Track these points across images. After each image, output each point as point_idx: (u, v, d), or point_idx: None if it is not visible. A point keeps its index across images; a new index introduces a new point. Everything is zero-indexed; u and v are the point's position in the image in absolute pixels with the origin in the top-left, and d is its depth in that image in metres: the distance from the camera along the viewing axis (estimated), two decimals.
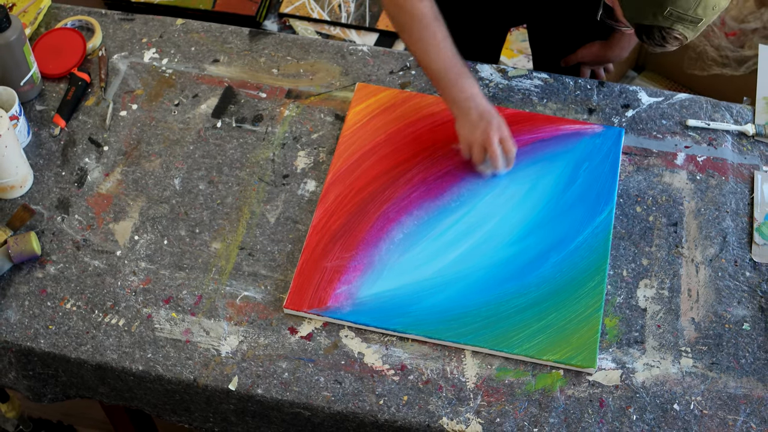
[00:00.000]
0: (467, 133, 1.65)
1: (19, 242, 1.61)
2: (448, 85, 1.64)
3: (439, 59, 1.64)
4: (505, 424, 1.46)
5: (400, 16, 1.65)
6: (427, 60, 1.65)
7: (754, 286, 1.59)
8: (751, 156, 1.74)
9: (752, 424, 1.46)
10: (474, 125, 1.63)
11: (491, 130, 1.62)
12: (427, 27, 1.63)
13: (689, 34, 1.43)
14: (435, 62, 1.64)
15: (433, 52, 1.64)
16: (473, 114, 1.63)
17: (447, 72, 1.64)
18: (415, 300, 1.56)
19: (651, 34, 1.43)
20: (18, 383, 1.62)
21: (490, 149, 1.63)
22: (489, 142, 1.63)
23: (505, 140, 1.64)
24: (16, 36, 1.73)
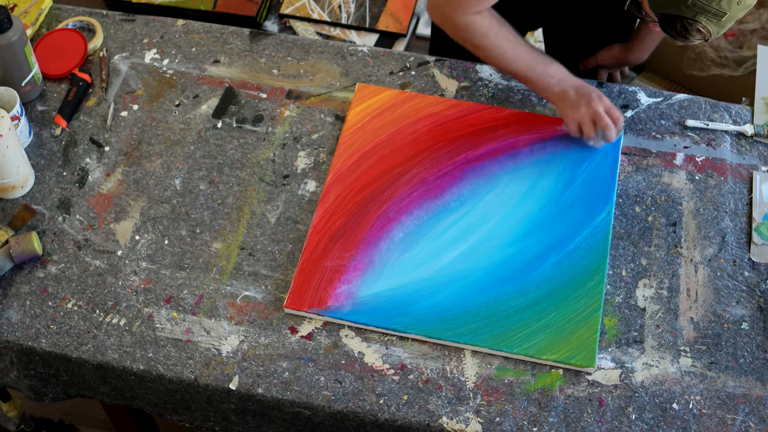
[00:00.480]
0: (572, 112, 1.66)
1: (21, 242, 1.61)
2: (536, 78, 1.67)
3: (519, 59, 1.66)
4: (505, 424, 1.46)
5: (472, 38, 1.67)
6: (508, 64, 1.67)
7: (752, 286, 1.59)
8: (750, 156, 1.74)
9: (751, 423, 1.46)
10: (576, 103, 1.65)
11: (594, 102, 1.64)
12: (496, 36, 1.66)
13: (713, 29, 1.41)
14: (516, 64, 1.67)
15: (510, 56, 1.66)
16: (570, 93, 1.65)
17: (531, 68, 1.67)
18: (415, 299, 1.56)
19: (674, 24, 1.43)
20: (19, 383, 1.62)
21: (601, 121, 1.64)
22: (598, 115, 1.64)
23: (610, 109, 1.65)
24: (17, 37, 1.73)
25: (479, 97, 1.82)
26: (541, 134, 1.74)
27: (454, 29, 1.69)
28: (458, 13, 1.65)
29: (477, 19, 1.65)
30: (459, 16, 1.65)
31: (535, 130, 1.75)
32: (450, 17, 1.67)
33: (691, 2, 1.38)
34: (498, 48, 1.67)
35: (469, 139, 1.74)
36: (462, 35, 1.68)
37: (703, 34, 1.43)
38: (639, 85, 2.71)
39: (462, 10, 1.65)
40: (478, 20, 1.65)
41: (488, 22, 1.65)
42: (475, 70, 1.85)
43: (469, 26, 1.66)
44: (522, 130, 1.75)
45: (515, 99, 1.81)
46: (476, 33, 1.66)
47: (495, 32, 1.66)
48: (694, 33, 1.43)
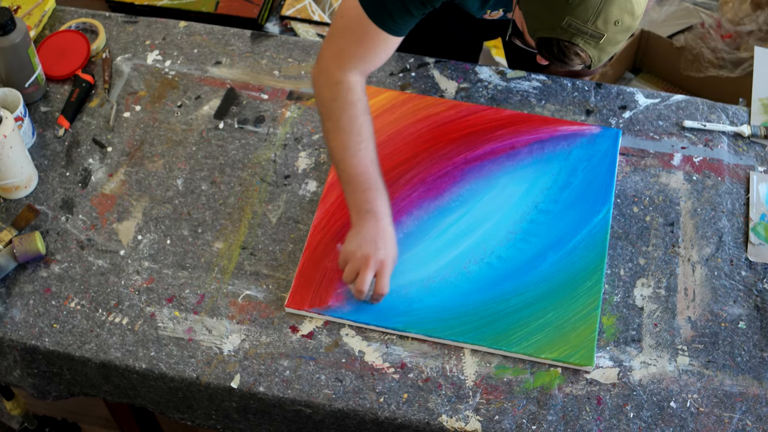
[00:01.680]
0: (351, 247, 1.51)
1: (24, 242, 1.61)
2: (353, 189, 1.52)
3: (358, 158, 1.51)
4: (504, 422, 1.46)
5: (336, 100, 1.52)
6: (345, 153, 1.52)
7: (749, 285, 1.59)
8: (747, 157, 1.74)
9: (748, 421, 1.46)
10: (361, 244, 1.50)
11: (372, 258, 1.49)
12: (353, 121, 1.51)
13: (592, 53, 1.32)
14: (351, 158, 1.52)
15: (353, 148, 1.52)
16: (369, 232, 1.50)
17: (360, 176, 1.52)
18: (415, 299, 1.56)
19: (551, 48, 1.33)
20: (23, 381, 1.62)
21: (361, 275, 1.49)
22: (364, 269, 1.49)
23: (381, 277, 1.50)
24: (20, 38, 1.73)
25: (478, 98, 1.82)
26: (540, 135, 1.74)
27: (323, 84, 1.54)
28: (338, 65, 1.52)
29: (352, 84, 1.52)
30: (337, 70, 1.52)
31: (534, 130, 1.75)
32: (327, 68, 1.54)
33: (566, 23, 1.29)
34: (349, 130, 1.51)
35: (469, 140, 1.74)
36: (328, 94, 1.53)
37: (582, 57, 1.32)
38: (637, 86, 2.71)
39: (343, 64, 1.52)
40: (351, 86, 1.51)
41: (357, 98, 1.52)
42: (474, 71, 1.85)
43: (340, 86, 1.51)
44: (521, 131, 1.75)
45: (514, 100, 1.81)
46: (340, 100, 1.51)
47: (356, 115, 1.52)
48: (573, 57, 1.32)
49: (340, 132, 1.53)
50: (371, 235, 1.51)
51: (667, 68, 2.74)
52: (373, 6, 1.48)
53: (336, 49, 1.54)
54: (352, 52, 1.53)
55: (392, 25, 1.50)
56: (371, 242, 1.50)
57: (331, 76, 1.54)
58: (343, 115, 1.53)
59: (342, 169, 1.54)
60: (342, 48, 1.53)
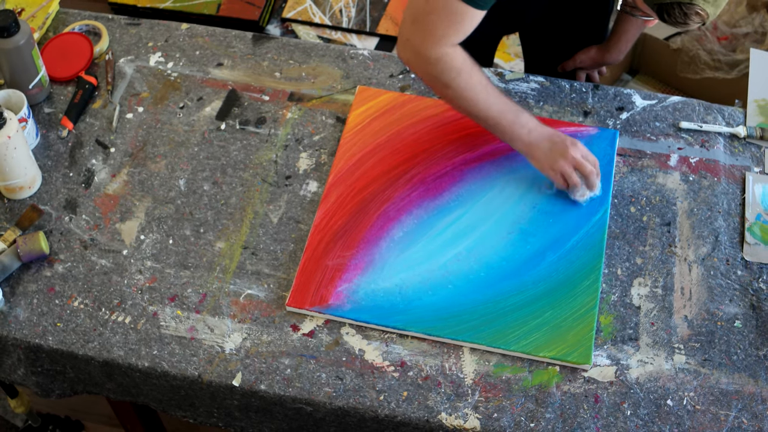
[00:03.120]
0: (549, 162, 1.60)
1: (28, 242, 1.61)
2: (506, 126, 1.60)
3: (491, 104, 1.59)
4: (503, 419, 1.46)
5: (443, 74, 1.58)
6: (479, 107, 1.60)
7: (745, 285, 1.59)
8: (743, 157, 1.74)
9: (744, 419, 1.46)
10: (551, 155, 1.60)
11: (570, 150, 1.59)
12: (470, 76, 1.58)
13: (710, 10, 1.40)
14: (487, 108, 1.60)
15: (482, 99, 1.59)
16: (544, 145, 1.60)
17: (502, 115, 1.60)
18: (415, 298, 1.56)
19: (672, 12, 1.41)
20: (27, 379, 1.62)
21: (584, 168, 1.60)
22: (578, 163, 1.59)
23: (586, 155, 1.61)
24: (24, 40, 1.73)
25: None
26: None
27: (425, 65, 1.58)
28: (433, 45, 1.55)
29: (451, 53, 1.56)
30: (434, 49, 1.55)
31: None
32: (422, 51, 1.57)
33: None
34: (470, 89, 1.58)
35: (468, 141, 1.74)
36: (433, 72, 1.58)
37: (701, 16, 1.41)
38: (634, 87, 2.71)
39: (437, 42, 1.55)
40: (452, 55, 1.56)
41: (462, 60, 1.57)
42: None
43: (442, 61, 1.56)
44: None
45: None
46: (449, 69, 1.57)
47: (468, 72, 1.57)
48: (693, 16, 1.41)
49: (464, 93, 1.59)
50: (547, 142, 1.60)
51: (664, 70, 2.74)
52: None
53: (427, 32, 1.56)
54: (443, 31, 1.55)
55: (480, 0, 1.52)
56: (553, 144, 1.59)
57: (430, 57, 1.57)
58: (458, 80, 1.58)
59: (484, 121, 1.62)
60: (433, 30, 1.56)
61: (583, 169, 1.60)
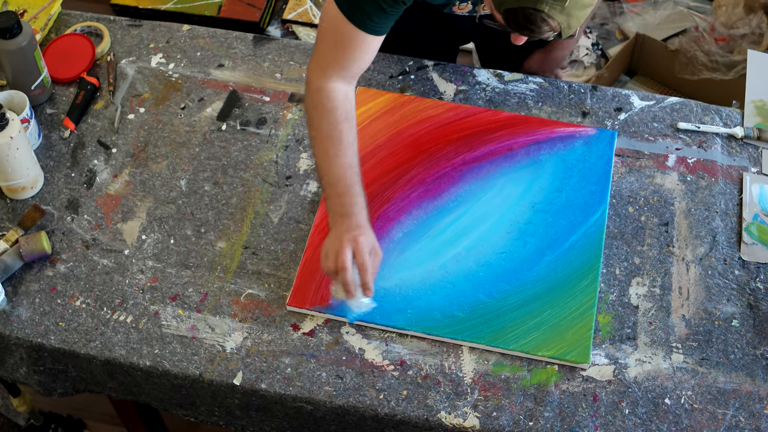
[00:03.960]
0: (329, 242, 1.49)
1: (30, 241, 1.61)
2: (332, 193, 1.51)
3: (337, 165, 1.50)
4: (502, 418, 1.46)
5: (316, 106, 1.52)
6: (326, 160, 1.51)
7: (742, 284, 1.59)
8: (740, 158, 1.74)
9: (741, 417, 1.46)
10: (335, 238, 1.48)
11: (347, 240, 1.45)
12: (332, 128, 1.51)
13: (560, 19, 1.27)
14: (331, 166, 1.51)
15: (333, 155, 1.51)
16: (340, 229, 1.48)
17: (338, 181, 1.50)
18: (414, 297, 1.56)
19: (516, 18, 1.29)
20: (29, 378, 1.62)
21: (339, 258, 1.44)
22: (340, 250, 1.45)
23: (358, 254, 1.45)
24: (27, 41, 1.73)
25: (477, 100, 1.82)
26: (537, 136, 1.74)
27: (306, 92, 1.54)
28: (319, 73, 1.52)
29: (331, 90, 1.50)
30: (318, 77, 1.51)
31: (531, 132, 1.75)
32: (308, 77, 1.54)
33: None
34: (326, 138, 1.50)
35: (467, 141, 1.74)
36: (308, 101, 1.53)
37: (550, 25, 1.28)
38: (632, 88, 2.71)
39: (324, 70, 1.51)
40: (331, 93, 1.50)
41: (338, 105, 1.50)
42: (472, 74, 1.85)
43: (319, 93, 1.51)
44: (518, 133, 1.75)
45: (512, 102, 1.81)
46: (320, 107, 1.50)
47: (335, 120, 1.50)
48: (541, 24, 1.28)
49: (321, 139, 1.53)
50: (344, 229, 1.48)
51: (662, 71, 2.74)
52: (350, 7, 1.47)
53: (318, 57, 1.54)
54: (332, 57, 1.52)
55: (370, 24, 1.49)
56: (346, 232, 1.47)
57: (313, 84, 1.54)
58: (322, 122, 1.52)
59: (322, 175, 1.53)
60: (322, 54, 1.53)
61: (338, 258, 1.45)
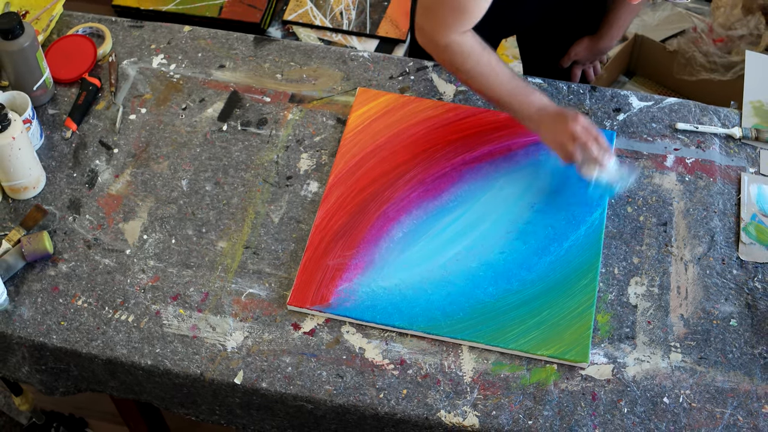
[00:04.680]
0: (551, 136, 1.61)
1: (32, 241, 1.61)
2: (517, 106, 1.62)
3: (501, 84, 1.61)
4: (501, 417, 1.46)
5: (454, 60, 1.62)
6: (490, 89, 1.62)
7: (740, 284, 1.59)
8: (738, 158, 1.74)
9: (739, 416, 1.46)
10: (553, 128, 1.60)
11: (569, 122, 1.57)
12: (479, 59, 1.61)
13: None
14: (498, 89, 1.62)
15: (492, 81, 1.61)
16: (548, 119, 1.60)
17: (512, 95, 1.62)
18: (414, 297, 1.56)
19: None
20: (31, 377, 1.62)
21: (579, 139, 1.57)
22: (576, 134, 1.57)
23: (588, 127, 1.58)
24: (29, 42, 1.73)
25: (476, 100, 1.82)
26: (536, 137, 1.74)
27: (436, 51, 1.64)
28: (442, 33, 1.60)
29: (460, 40, 1.60)
30: (442, 36, 1.60)
31: (531, 133, 1.75)
32: (433, 38, 1.62)
33: None
34: (480, 72, 1.61)
35: (467, 142, 1.74)
36: (444, 57, 1.63)
37: None
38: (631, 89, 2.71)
39: (446, 30, 1.59)
40: (459, 42, 1.60)
41: (470, 45, 1.61)
42: None
43: (450, 48, 1.60)
44: (517, 133, 1.75)
45: None
46: (459, 55, 1.61)
47: (478, 55, 1.61)
48: None
49: (475, 77, 1.63)
50: (552, 117, 1.60)
51: (661, 72, 2.74)
52: None
53: (437, 21, 1.60)
54: (451, 20, 1.59)
55: None
56: (558, 119, 1.59)
57: (439, 43, 1.61)
58: (466, 65, 1.62)
59: (495, 101, 1.65)
60: (440, 19, 1.60)
61: (578, 139, 1.57)
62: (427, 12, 1.62)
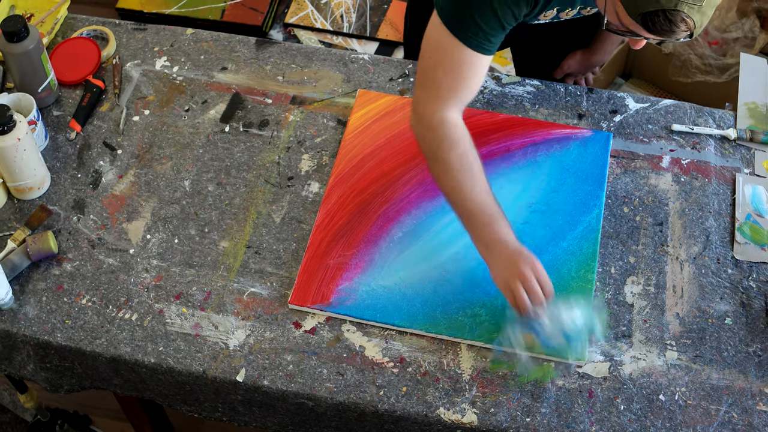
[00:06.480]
0: (501, 273, 1.46)
1: (37, 241, 1.61)
2: (477, 226, 1.48)
3: (473, 194, 1.48)
4: (499, 414, 1.46)
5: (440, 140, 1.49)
6: (461, 192, 1.48)
7: (735, 283, 1.59)
8: (733, 159, 1.74)
9: (734, 413, 1.46)
10: (506, 265, 1.45)
11: (522, 264, 1.44)
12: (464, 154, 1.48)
13: (696, 18, 1.30)
14: (468, 196, 1.48)
15: (468, 185, 1.48)
16: (504, 255, 1.46)
17: (478, 213, 1.48)
18: (414, 296, 1.56)
19: (656, 20, 1.30)
20: (36, 375, 1.62)
21: (527, 283, 1.43)
22: (524, 277, 1.43)
23: (539, 274, 1.44)
24: (34, 45, 1.73)
25: (474, 102, 1.82)
26: (534, 138, 1.74)
27: (425, 130, 1.50)
28: (437, 106, 1.48)
29: (452, 122, 1.48)
30: (437, 111, 1.48)
31: (528, 133, 1.75)
32: (425, 113, 1.49)
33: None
34: (459, 168, 1.47)
35: None
36: (430, 137, 1.49)
37: (687, 24, 1.30)
38: (627, 91, 2.71)
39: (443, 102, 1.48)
40: (452, 125, 1.48)
41: (461, 134, 1.48)
42: None
43: (441, 127, 1.47)
44: (515, 134, 1.75)
45: (509, 104, 1.81)
46: (446, 140, 1.47)
47: (463, 151, 1.48)
48: (679, 24, 1.30)
49: (452, 173, 1.48)
50: (508, 254, 1.45)
51: (657, 74, 2.74)
52: (467, 33, 1.43)
53: (432, 90, 1.49)
54: (451, 86, 1.48)
55: (488, 45, 1.46)
56: (512, 257, 1.45)
57: (433, 119, 1.49)
58: (450, 155, 1.48)
59: (460, 209, 1.50)
60: (438, 86, 1.48)
61: (526, 284, 1.43)
62: (424, 82, 1.50)
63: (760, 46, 2.54)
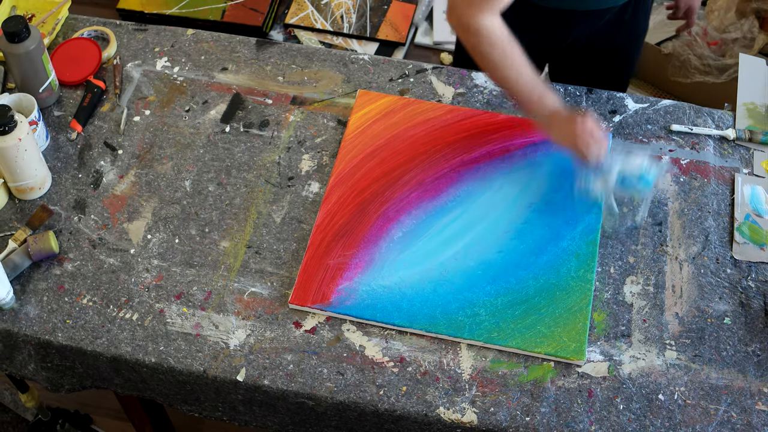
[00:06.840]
0: (564, 134, 1.60)
1: (38, 241, 1.61)
2: (532, 105, 1.61)
3: (522, 78, 1.60)
4: (499, 413, 1.46)
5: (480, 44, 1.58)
6: (509, 80, 1.60)
7: (734, 283, 1.59)
8: (732, 159, 1.74)
9: (733, 413, 1.46)
10: (568, 125, 1.58)
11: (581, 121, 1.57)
12: (504, 49, 1.58)
13: None
14: (518, 82, 1.60)
15: (514, 75, 1.59)
16: (562, 119, 1.59)
17: (531, 91, 1.60)
18: (414, 295, 1.56)
19: None
20: (37, 374, 1.62)
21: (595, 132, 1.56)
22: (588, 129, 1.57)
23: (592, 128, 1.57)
24: (35, 45, 1.73)
25: (474, 102, 1.82)
26: (533, 138, 1.74)
27: (466, 34, 1.61)
28: (473, 14, 1.56)
29: (489, 26, 1.56)
30: (474, 18, 1.56)
31: (528, 133, 1.75)
32: (463, 20, 1.58)
33: None
34: (504, 64, 1.59)
35: (465, 143, 1.74)
36: (472, 41, 1.59)
37: None
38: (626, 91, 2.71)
39: (478, 11, 1.56)
40: (490, 28, 1.56)
41: (499, 34, 1.59)
42: (470, 77, 1.85)
43: (480, 32, 1.57)
44: (515, 134, 1.75)
45: (509, 105, 1.81)
46: (486, 42, 1.58)
47: (503, 47, 1.58)
48: None
49: (497, 70, 1.61)
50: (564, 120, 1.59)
51: (656, 74, 2.74)
52: None
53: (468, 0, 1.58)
54: None
55: None
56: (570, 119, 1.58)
57: (470, 26, 1.58)
58: (492, 55, 1.59)
59: (511, 94, 1.64)
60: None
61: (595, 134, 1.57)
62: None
63: (759, 46, 2.54)
